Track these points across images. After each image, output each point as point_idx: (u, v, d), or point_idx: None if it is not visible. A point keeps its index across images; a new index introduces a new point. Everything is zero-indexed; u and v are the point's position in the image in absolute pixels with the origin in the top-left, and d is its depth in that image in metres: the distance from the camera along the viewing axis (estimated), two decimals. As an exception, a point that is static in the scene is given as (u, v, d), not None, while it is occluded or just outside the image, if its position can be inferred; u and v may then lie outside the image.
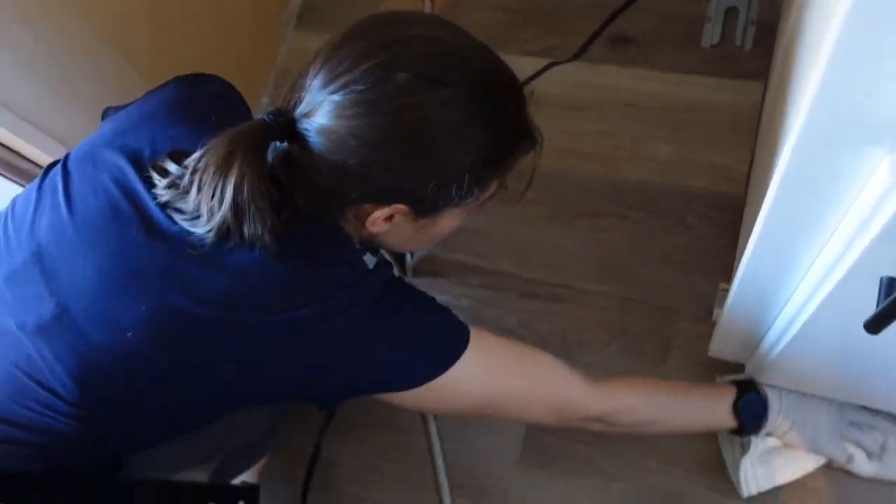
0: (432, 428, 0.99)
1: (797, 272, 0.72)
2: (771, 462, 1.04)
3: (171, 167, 0.72)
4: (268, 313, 0.73)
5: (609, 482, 1.15)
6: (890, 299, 0.59)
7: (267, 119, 0.71)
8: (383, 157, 0.71)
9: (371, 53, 0.69)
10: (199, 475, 1.09)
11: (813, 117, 0.50)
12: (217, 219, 0.69)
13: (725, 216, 1.25)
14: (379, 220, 0.77)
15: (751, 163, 1.27)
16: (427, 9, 1.36)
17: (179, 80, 0.86)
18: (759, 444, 1.04)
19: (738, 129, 1.30)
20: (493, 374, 0.87)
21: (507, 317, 1.27)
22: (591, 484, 1.16)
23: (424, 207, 0.77)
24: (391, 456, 1.26)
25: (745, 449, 1.05)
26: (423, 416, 0.99)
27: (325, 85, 0.70)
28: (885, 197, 0.50)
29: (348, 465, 1.27)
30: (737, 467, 1.06)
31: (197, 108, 0.83)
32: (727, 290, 0.98)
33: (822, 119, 0.50)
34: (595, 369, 1.20)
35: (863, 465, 1.03)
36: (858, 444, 1.02)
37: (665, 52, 1.38)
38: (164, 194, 0.72)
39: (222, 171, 0.68)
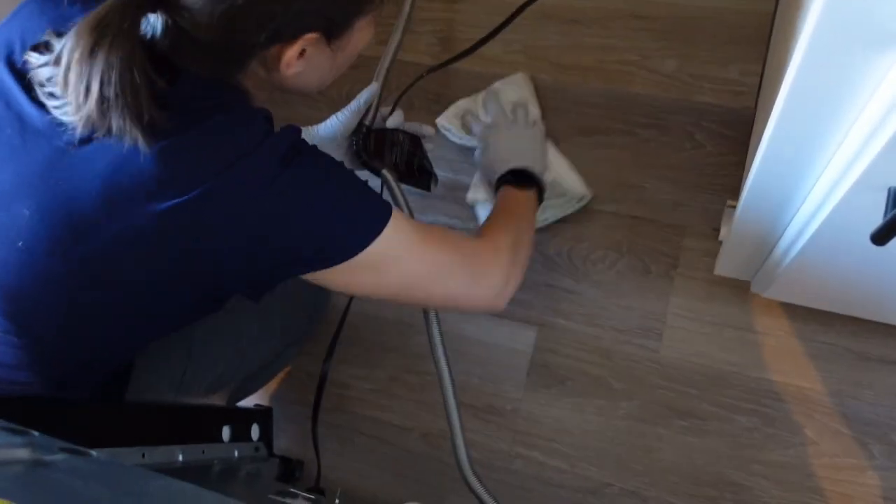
0: (439, 350, 1.00)
1: (805, 183, 0.70)
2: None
3: (43, 53, 0.66)
4: (157, 201, 0.66)
5: (617, 400, 1.17)
6: (898, 210, 0.58)
7: None
8: None
9: None
10: (216, 399, 1.12)
11: (823, 22, 0.48)
12: (84, 111, 0.63)
13: (734, 132, 1.23)
14: (293, 60, 0.72)
15: (761, 76, 1.23)
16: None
17: None
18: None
19: (749, 40, 1.26)
20: (419, 240, 0.80)
21: (514, 238, 1.27)
22: (599, 403, 1.18)
23: (335, 26, 0.72)
24: (402, 379, 1.28)
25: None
26: (430, 339, 1.00)
27: None
28: (894, 105, 0.49)
29: (359, 389, 1.29)
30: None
31: None
32: (734, 207, 0.97)
33: (832, 24, 0.48)
34: (603, 288, 1.21)
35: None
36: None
37: (674, -39, 1.33)
38: (38, 73, 0.67)
39: (87, 62, 0.62)
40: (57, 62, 0.64)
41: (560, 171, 1.22)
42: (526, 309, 1.24)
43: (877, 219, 0.59)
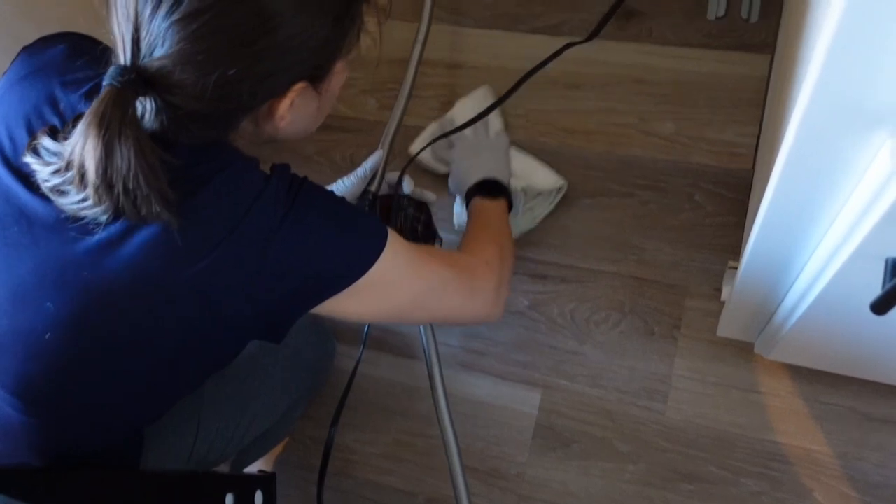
0: (444, 413, 1.00)
1: (804, 252, 0.72)
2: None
3: (46, 149, 0.66)
4: (181, 268, 0.69)
5: (622, 463, 1.16)
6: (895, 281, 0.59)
7: (116, 84, 0.64)
8: (262, 46, 0.67)
9: None
10: (220, 466, 1.11)
11: (814, 103, 0.50)
12: (108, 204, 0.64)
13: (733, 193, 1.25)
14: (285, 113, 0.74)
15: (758, 138, 1.26)
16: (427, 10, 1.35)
17: (24, 50, 0.80)
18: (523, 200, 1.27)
19: (745, 103, 1.29)
20: (417, 258, 0.85)
21: (518, 299, 1.28)
22: (604, 466, 1.17)
23: (320, 72, 0.74)
24: (406, 443, 1.27)
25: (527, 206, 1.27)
26: (435, 402, 1.00)
27: (153, 11, 0.64)
28: (887, 181, 0.50)
29: (364, 453, 1.28)
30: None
31: (46, 71, 0.76)
32: (735, 268, 0.98)
33: (823, 104, 0.50)
34: (606, 349, 1.22)
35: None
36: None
37: (670, 26, 1.37)
38: (49, 180, 0.66)
39: (102, 159, 0.63)
40: (68, 165, 0.64)
41: (530, 174, 1.29)
42: (530, 371, 1.24)
43: (876, 286, 0.60)
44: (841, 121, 0.50)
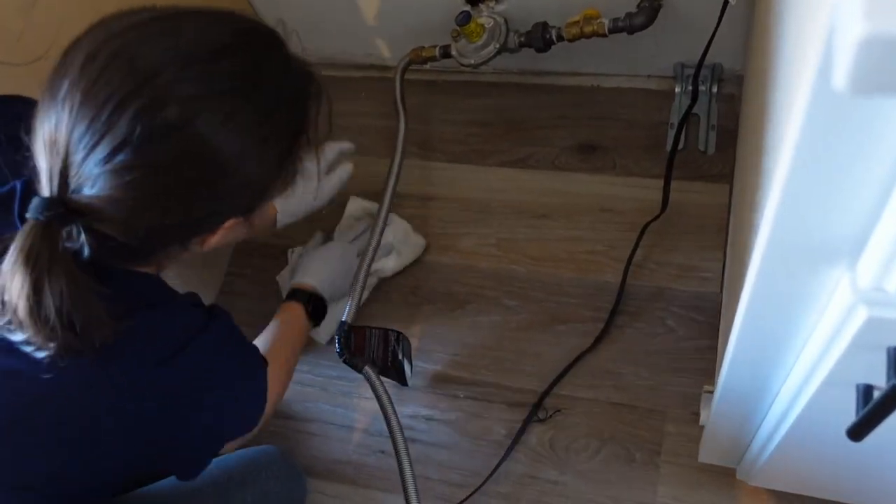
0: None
1: (775, 381, 0.72)
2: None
3: None
4: (108, 403, 0.71)
5: None
6: (868, 407, 0.59)
7: (41, 218, 0.62)
8: (200, 196, 0.67)
9: (124, 100, 0.61)
10: None
11: (772, 241, 0.52)
12: (58, 343, 0.63)
13: (703, 317, 1.27)
14: (212, 243, 0.75)
15: (724, 263, 1.29)
16: (402, 131, 1.41)
17: None
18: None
19: (708, 229, 1.33)
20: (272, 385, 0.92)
21: (496, 428, 1.26)
22: None
23: (253, 205, 0.75)
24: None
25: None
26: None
27: (86, 155, 0.62)
28: (848, 313, 0.52)
29: None
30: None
31: None
32: (711, 392, 0.99)
33: (781, 242, 0.52)
34: (588, 478, 1.19)
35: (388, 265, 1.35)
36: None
37: (632, 159, 1.43)
38: None
39: (35, 299, 0.61)
40: (3, 307, 0.62)
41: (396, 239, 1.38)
42: (511, 503, 1.20)
43: (851, 412, 0.61)
44: (799, 258, 0.53)
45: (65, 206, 0.63)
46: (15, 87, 0.82)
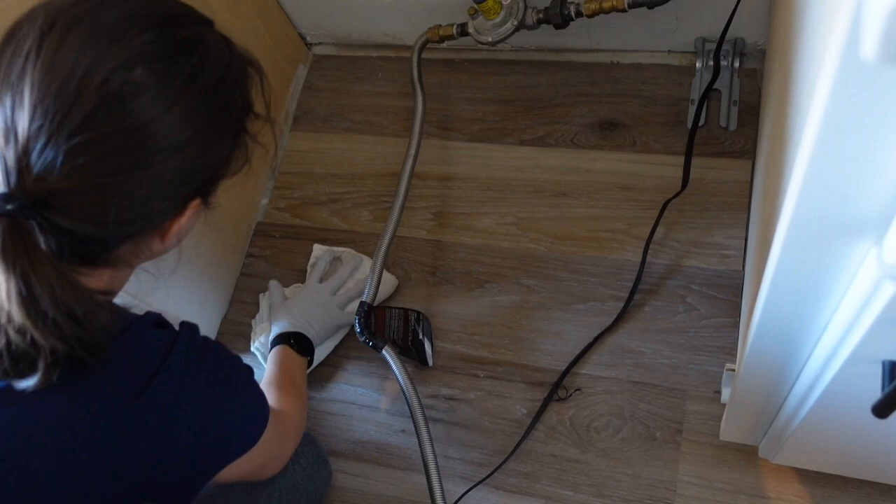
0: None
1: (799, 358, 0.72)
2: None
3: None
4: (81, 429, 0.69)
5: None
6: (895, 383, 0.59)
7: (5, 213, 0.59)
8: (150, 175, 0.65)
9: (89, 70, 0.60)
10: None
11: (797, 215, 0.51)
12: (65, 338, 0.61)
13: (725, 295, 1.26)
14: (176, 230, 0.73)
15: (745, 240, 1.28)
16: (419, 110, 1.40)
17: None
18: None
19: (730, 206, 1.32)
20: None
21: (516, 407, 1.26)
22: None
23: (211, 187, 0.74)
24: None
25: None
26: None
27: (50, 136, 0.59)
28: (874, 288, 0.51)
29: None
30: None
31: None
32: (733, 370, 0.98)
33: (806, 216, 0.51)
34: (608, 456, 1.19)
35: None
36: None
37: (652, 135, 1.42)
38: None
39: (29, 294, 0.59)
40: None
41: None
42: (531, 481, 1.21)
43: (876, 389, 0.60)
44: (825, 232, 0.52)
45: (27, 195, 0.60)
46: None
